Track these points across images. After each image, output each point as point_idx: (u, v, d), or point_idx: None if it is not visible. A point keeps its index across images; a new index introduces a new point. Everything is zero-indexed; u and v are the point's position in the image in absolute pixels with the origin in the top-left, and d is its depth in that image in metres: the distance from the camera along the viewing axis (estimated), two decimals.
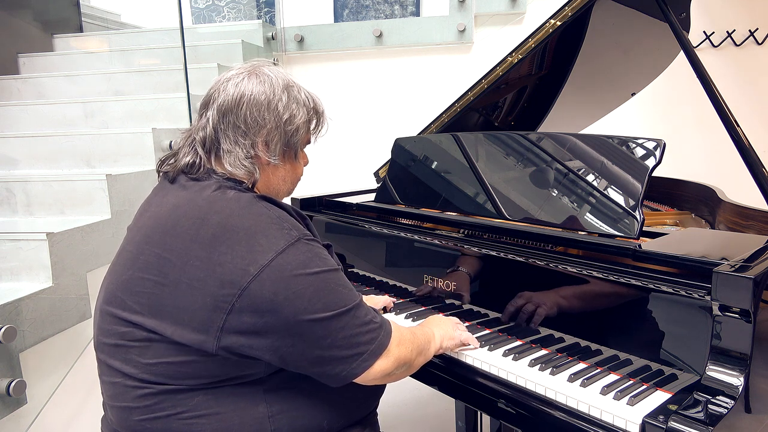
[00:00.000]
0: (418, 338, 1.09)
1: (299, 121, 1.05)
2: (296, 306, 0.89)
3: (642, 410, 0.94)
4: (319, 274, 0.93)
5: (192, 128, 1.07)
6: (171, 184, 1.04)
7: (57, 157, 2.43)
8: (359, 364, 0.95)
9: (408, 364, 1.05)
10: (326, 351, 0.93)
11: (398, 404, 2.53)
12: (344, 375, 0.95)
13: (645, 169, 1.19)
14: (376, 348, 0.97)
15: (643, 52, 1.90)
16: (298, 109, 1.05)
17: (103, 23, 3.86)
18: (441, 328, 1.19)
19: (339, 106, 3.27)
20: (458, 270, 1.37)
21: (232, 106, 1.01)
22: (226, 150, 1.02)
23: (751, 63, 2.88)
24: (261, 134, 1.02)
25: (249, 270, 0.89)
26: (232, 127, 1.01)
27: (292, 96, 1.05)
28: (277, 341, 0.91)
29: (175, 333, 0.91)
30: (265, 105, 1.01)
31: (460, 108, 1.81)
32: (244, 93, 1.01)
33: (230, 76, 1.05)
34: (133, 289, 0.95)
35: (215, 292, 0.89)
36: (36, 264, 1.80)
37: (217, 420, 0.94)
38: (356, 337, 0.95)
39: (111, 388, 0.99)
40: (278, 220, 0.96)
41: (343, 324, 0.93)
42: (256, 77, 1.03)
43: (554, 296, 1.17)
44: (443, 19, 3.15)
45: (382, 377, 1.00)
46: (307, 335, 0.91)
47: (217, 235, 0.91)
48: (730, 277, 0.90)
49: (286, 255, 0.91)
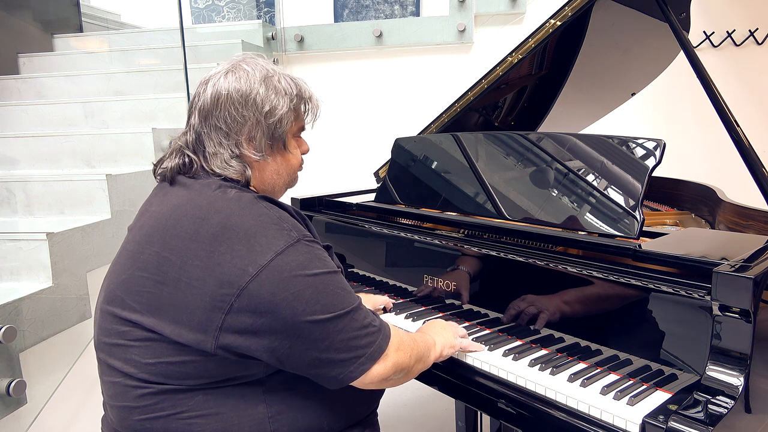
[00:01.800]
0: (418, 345, 1.08)
1: (281, 111, 1.03)
2: (294, 307, 0.89)
3: (642, 410, 0.94)
4: (318, 276, 0.92)
5: (177, 136, 1.07)
6: (171, 185, 1.04)
7: (57, 157, 2.43)
8: (356, 367, 0.94)
9: (406, 370, 1.04)
10: (323, 353, 0.92)
11: (398, 404, 2.53)
12: (341, 378, 0.95)
13: (645, 169, 1.19)
14: (374, 352, 0.96)
15: (643, 52, 1.90)
16: (278, 99, 1.03)
17: (103, 23, 3.86)
18: (442, 335, 1.17)
19: (339, 106, 3.27)
20: (458, 270, 1.37)
21: (211, 108, 1.01)
22: (212, 153, 1.02)
23: (751, 63, 2.88)
24: (243, 132, 1.01)
25: (248, 270, 0.89)
26: (214, 129, 1.01)
27: (271, 86, 1.02)
28: (275, 342, 0.91)
29: (174, 332, 0.91)
30: (243, 102, 1.00)
31: (460, 108, 1.81)
32: (221, 93, 1.00)
33: (210, 76, 1.04)
34: (132, 288, 0.95)
35: (214, 291, 0.89)
36: (36, 264, 1.80)
37: (217, 420, 0.94)
38: (354, 340, 0.94)
39: (111, 387, 0.99)
40: (278, 220, 0.95)
41: (341, 327, 0.93)
42: (233, 74, 1.02)
43: (554, 296, 1.17)
44: (443, 19, 3.15)
45: (379, 382, 0.99)
46: (304, 337, 0.91)
47: (217, 235, 0.91)
48: (730, 277, 0.90)
49: (286, 256, 0.91)
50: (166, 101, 2.68)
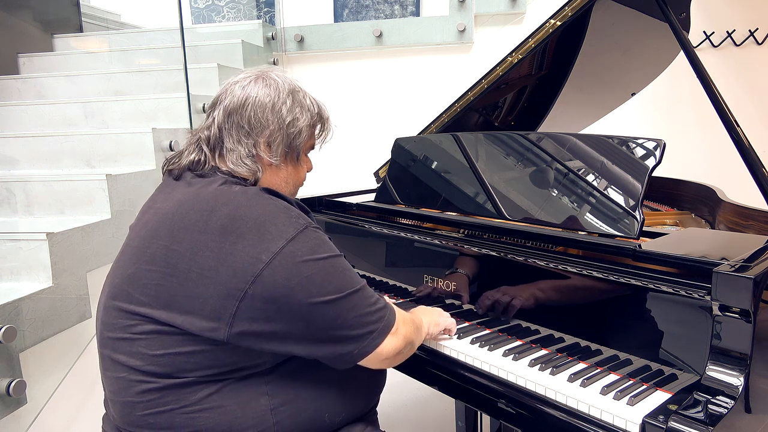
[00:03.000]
0: (414, 319, 1.14)
1: (302, 124, 1.08)
2: (308, 290, 0.92)
3: (642, 410, 0.94)
4: (327, 260, 0.97)
5: (198, 128, 1.11)
6: (176, 181, 1.06)
7: (57, 157, 2.43)
8: (370, 342, 0.98)
9: (412, 343, 1.09)
10: (338, 331, 0.96)
11: (398, 404, 2.53)
12: (356, 353, 0.98)
13: (645, 169, 1.19)
14: (385, 326, 1.01)
15: (643, 52, 1.90)
16: (302, 113, 1.09)
17: (103, 23, 3.86)
18: (427, 315, 1.24)
19: (339, 106, 3.27)
20: (458, 270, 1.37)
21: (237, 107, 1.05)
22: (229, 148, 1.06)
23: (751, 63, 2.88)
24: (263, 135, 1.05)
25: (261, 258, 0.91)
26: (236, 127, 1.05)
27: (297, 100, 1.09)
28: (290, 325, 0.93)
29: (186, 322, 0.93)
30: (270, 107, 1.05)
31: (460, 108, 1.81)
32: (250, 95, 1.05)
33: (238, 79, 1.09)
34: (140, 281, 0.96)
35: (227, 280, 0.91)
36: (36, 264, 1.80)
37: (220, 413, 0.95)
38: (366, 316, 0.98)
39: (115, 383, 0.99)
40: (285, 209, 0.98)
41: (353, 304, 0.97)
42: (263, 81, 1.08)
43: (554, 296, 1.17)
44: (443, 19, 3.15)
45: (393, 356, 1.03)
46: (319, 317, 0.94)
47: (227, 226, 0.94)
48: (730, 277, 0.90)
49: (296, 242, 0.94)
50: (166, 101, 2.68)
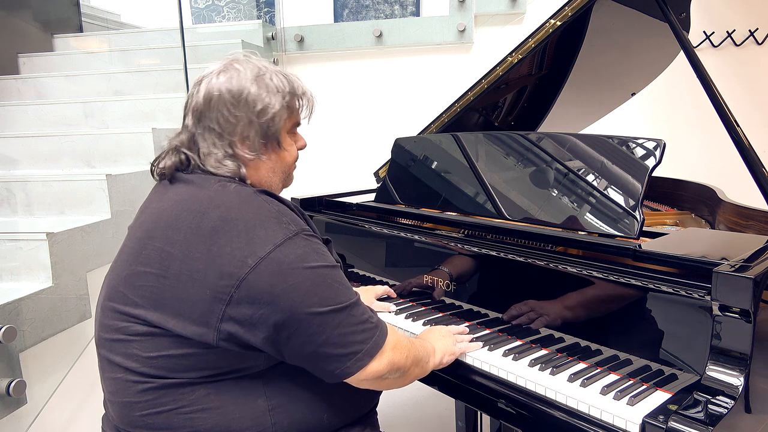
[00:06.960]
0: (416, 348, 1.08)
1: (274, 109, 1.03)
2: (292, 298, 0.90)
3: (642, 410, 0.94)
4: (316, 269, 0.93)
5: (173, 136, 1.08)
6: (171, 183, 1.05)
7: (57, 157, 2.44)
8: (353, 363, 0.95)
9: (402, 371, 1.03)
10: (321, 347, 0.93)
11: (398, 404, 2.53)
12: (338, 373, 0.95)
13: (645, 169, 1.19)
14: (371, 348, 0.96)
15: (643, 52, 1.90)
16: (270, 97, 1.02)
17: (103, 23, 3.86)
18: (443, 342, 1.17)
19: (339, 106, 3.27)
20: (458, 270, 1.37)
21: (204, 109, 1.02)
22: (205, 153, 1.03)
23: (751, 63, 2.88)
24: (236, 133, 1.02)
25: (247, 261, 0.90)
26: (207, 130, 1.02)
27: (263, 85, 1.02)
28: (273, 333, 0.91)
29: (177, 326, 0.92)
30: (235, 102, 1.00)
31: (460, 108, 1.81)
32: (213, 93, 1.01)
33: (203, 75, 1.05)
34: (135, 283, 0.96)
35: (214, 283, 0.90)
36: (36, 264, 1.80)
37: (218, 414, 0.95)
38: (351, 335, 0.95)
39: (112, 384, 0.99)
40: (277, 214, 0.97)
41: (338, 321, 0.93)
42: (225, 73, 1.03)
43: (554, 296, 1.17)
44: (443, 19, 3.14)
45: (374, 380, 0.99)
46: (302, 329, 0.91)
47: (217, 228, 0.93)
48: (730, 277, 0.90)
49: (284, 248, 0.92)
50: (166, 101, 2.68)
